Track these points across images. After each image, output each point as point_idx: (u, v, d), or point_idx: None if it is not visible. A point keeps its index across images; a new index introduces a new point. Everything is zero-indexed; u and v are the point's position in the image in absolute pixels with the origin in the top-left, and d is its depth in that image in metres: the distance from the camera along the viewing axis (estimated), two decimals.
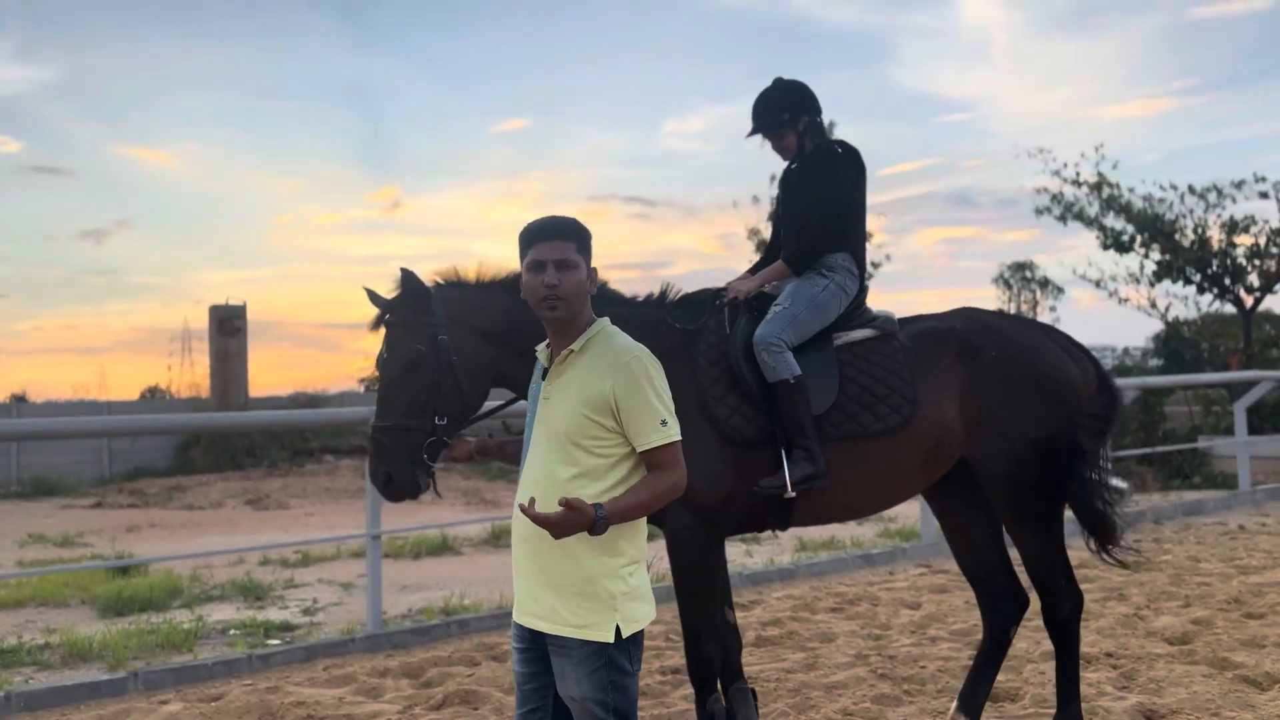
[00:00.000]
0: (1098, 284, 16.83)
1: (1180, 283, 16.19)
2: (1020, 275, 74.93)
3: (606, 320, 2.57)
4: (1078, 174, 15.97)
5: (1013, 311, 76.30)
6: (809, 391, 3.28)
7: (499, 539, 11.17)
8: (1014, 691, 4.53)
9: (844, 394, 3.37)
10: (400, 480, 3.19)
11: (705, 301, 3.51)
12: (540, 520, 2.28)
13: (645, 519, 2.51)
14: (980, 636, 5.41)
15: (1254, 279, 15.82)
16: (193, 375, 27.79)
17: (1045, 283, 74.07)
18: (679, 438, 2.42)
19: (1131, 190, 16.07)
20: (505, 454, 3.02)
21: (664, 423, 2.39)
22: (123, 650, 5.73)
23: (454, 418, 3.26)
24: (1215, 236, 15.72)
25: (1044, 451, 3.53)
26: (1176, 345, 17.99)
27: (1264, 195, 15.69)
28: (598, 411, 2.41)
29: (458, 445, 3.13)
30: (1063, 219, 16.40)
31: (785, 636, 5.57)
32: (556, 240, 2.50)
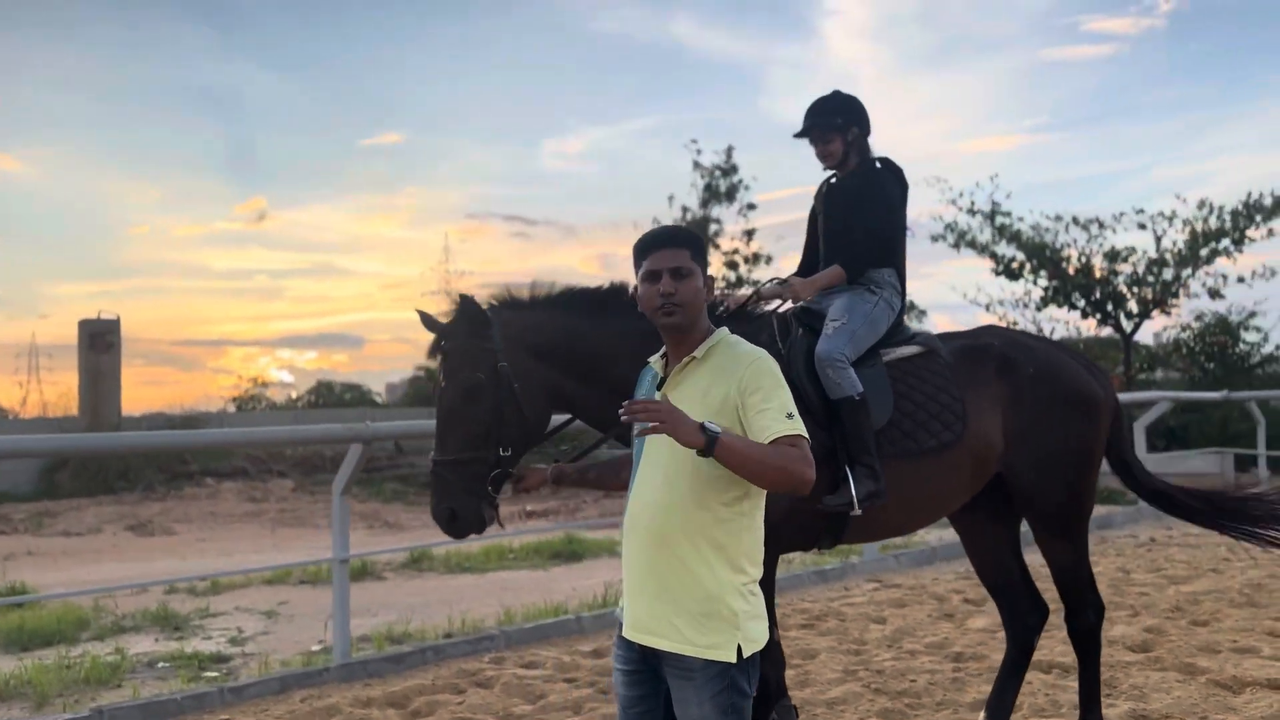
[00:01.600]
0: (987, 308, 17.62)
1: (1066, 308, 17.13)
2: None
3: (726, 329, 2.52)
4: (972, 203, 16.72)
5: None
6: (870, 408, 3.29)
7: (418, 563, 10.88)
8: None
9: (898, 411, 3.39)
10: (465, 516, 3.05)
11: (760, 316, 3.49)
12: (655, 409, 2.19)
13: (762, 539, 2.45)
14: (956, 649, 5.58)
15: (1133, 306, 16.86)
16: (41, 394, 26.15)
17: (910, 306, 77.32)
18: (806, 435, 2.32)
19: (1020, 219, 16.93)
20: (587, 480, 2.92)
21: (790, 415, 2.32)
22: (45, 687, 5.32)
23: (517, 447, 3.14)
24: (1098, 265, 16.69)
25: (1075, 464, 3.65)
26: None
27: (1141, 226, 16.76)
28: (722, 417, 2.34)
29: (531, 474, 2.99)
30: (956, 246, 17.11)
31: (796, 653, 5.56)
32: (670, 248, 2.46)
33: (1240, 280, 16.75)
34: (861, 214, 3.63)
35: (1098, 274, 16.61)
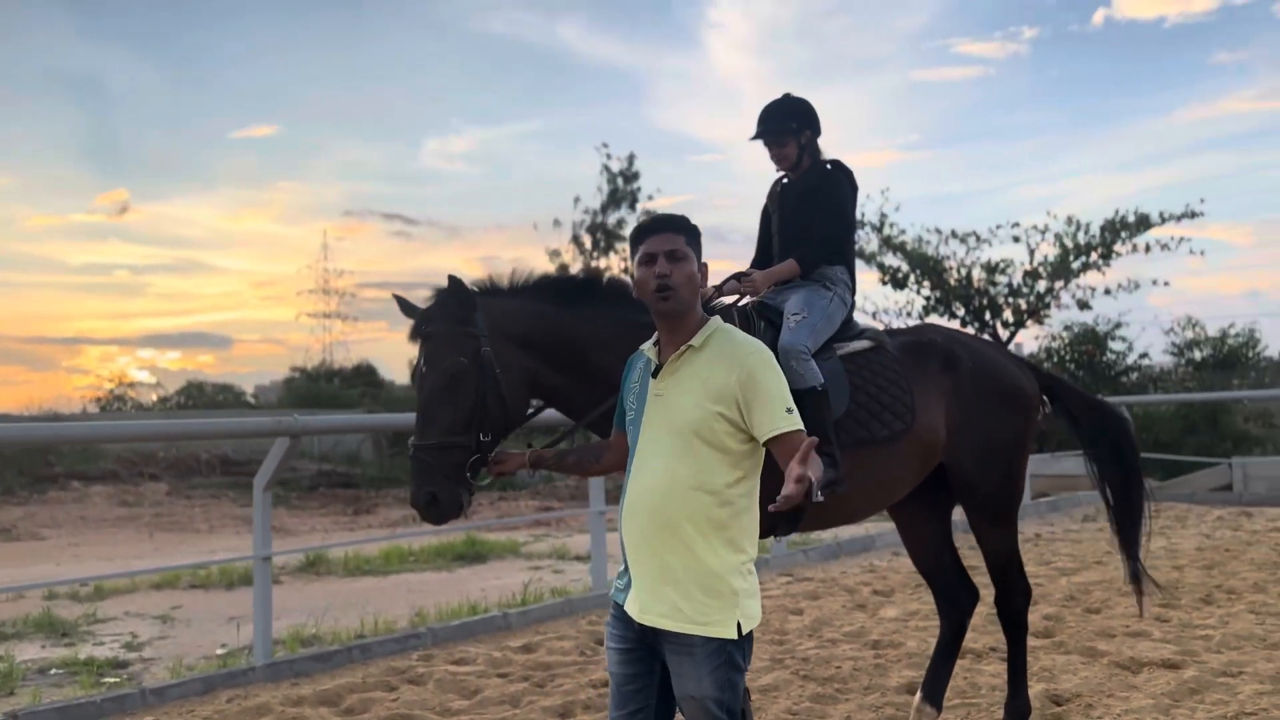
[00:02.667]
0: (874, 315, 18.26)
1: (947, 316, 17.89)
2: None
3: (719, 318, 2.58)
4: (862, 214, 17.31)
5: None
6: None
7: (314, 566, 10.61)
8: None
9: (854, 402, 3.52)
10: (446, 501, 3.02)
11: (722, 310, 3.57)
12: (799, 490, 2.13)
13: (758, 519, 2.52)
14: (874, 637, 5.80)
15: (1009, 315, 17.75)
16: None
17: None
18: (804, 428, 2.39)
19: (903, 232, 17.63)
20: (564, 464, 2.93)
21: (790, 410, 2.39)
22: None
23: (497, 433, 3.13)
24: (977, 276, 17.51)
25: (1010, 455, 3.87)
26: None
27: (1016, 240, 17.67)
28: (722, 404, 2.41)
29: (509, 459, 3.00)
30: None
31: None
32: (666, 233, 2.52)
33: (1107, 293, 17.84)
34: (816, 213, 3.76)
35: (977, 284, 17.43)
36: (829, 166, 3.84)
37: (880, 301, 20.43)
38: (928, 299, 17.62)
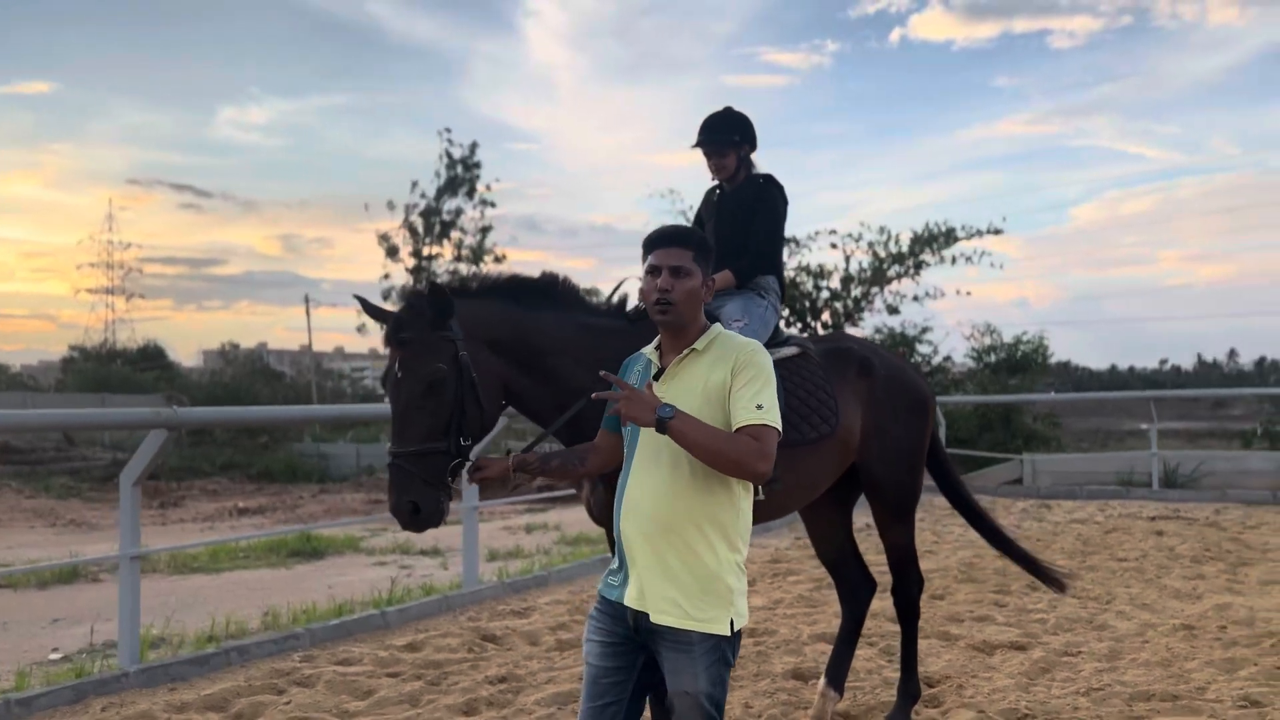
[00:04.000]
0: None
1: None
2: None
3: (720, 325, 2.68)
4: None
5: None
6: None
7: (145, 562, 9.94)
8: (809, 670, 5.13)
9: (786, 405, 3.68)
10: (428, 509, 2.96)
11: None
12: (622, 387, 2.42)
13: (751, 518, 2.60)
14: (747, 626, 6.04)
15: (827, 317, 18.68)
16: None
17: None
18: (776, 425, 2.44)
19: None
20: (549, 469, 2.88)
21: (760, 406, 2.44)
22: None
23: (476, 437, 3.10)
24: (802, 280, 18.33)
25: (913, 457, 4.15)
26: None
27: (834, 245, 18.63)
28: (720, 404, 2.48)
29: (492, 464, 2.97)
30: None
31: (581, 640, 5.74)
32: (674, 247, 2.58)
33: (915, 299, 19.09)
34: (752, 225, 3.91)
35: (802, 288, 18.26)
36: (762, 181, 4.00)
37: None
38: None
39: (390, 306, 3.36)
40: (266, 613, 7.04)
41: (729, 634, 2.48)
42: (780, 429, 2.47)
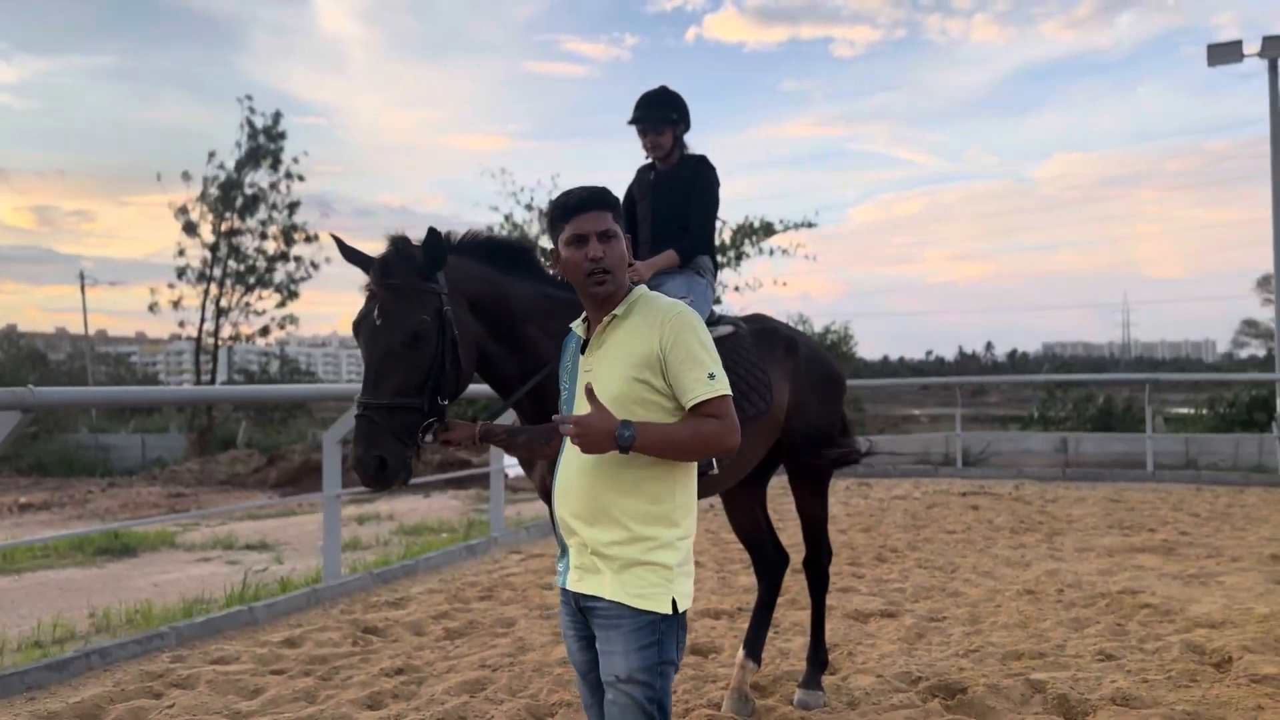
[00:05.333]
0: None
1: None
2: None
3: (644, 286, 2.50)
4: (532, 198, 17.60)
5: None
6: None
7: None
8: (712, 645, 5.23)
9: None
10: (394, 466, 2.77)
11: None
12: (572, 421, 2.19)
13: (695, 494, 2.45)
14: None
15: None
16: None
17: None
18: (729, 392, 2.30)
19: None
20: (515, 442, 2.76)
21: (711, 376, 2.28)
22: None
23: (450, 397, 2.92)
24: None
25: (830, 434, 4.30)
26: None
27: None
28: (647, 370, 2.30)
29: (459, 428, 2.81)
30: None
31: (469, 627, 5.60)
32: (596, 211, 2.38)
33: (736, 290, 19.70)
34: (691, 205, 3.92)
35: None
36: (697, 161, 4.01)
37: None
38: None
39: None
40: (93, 614, 6.47)
41: (668, 612, 2.28)
42: (731, 392, 2.33)
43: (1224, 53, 14.93)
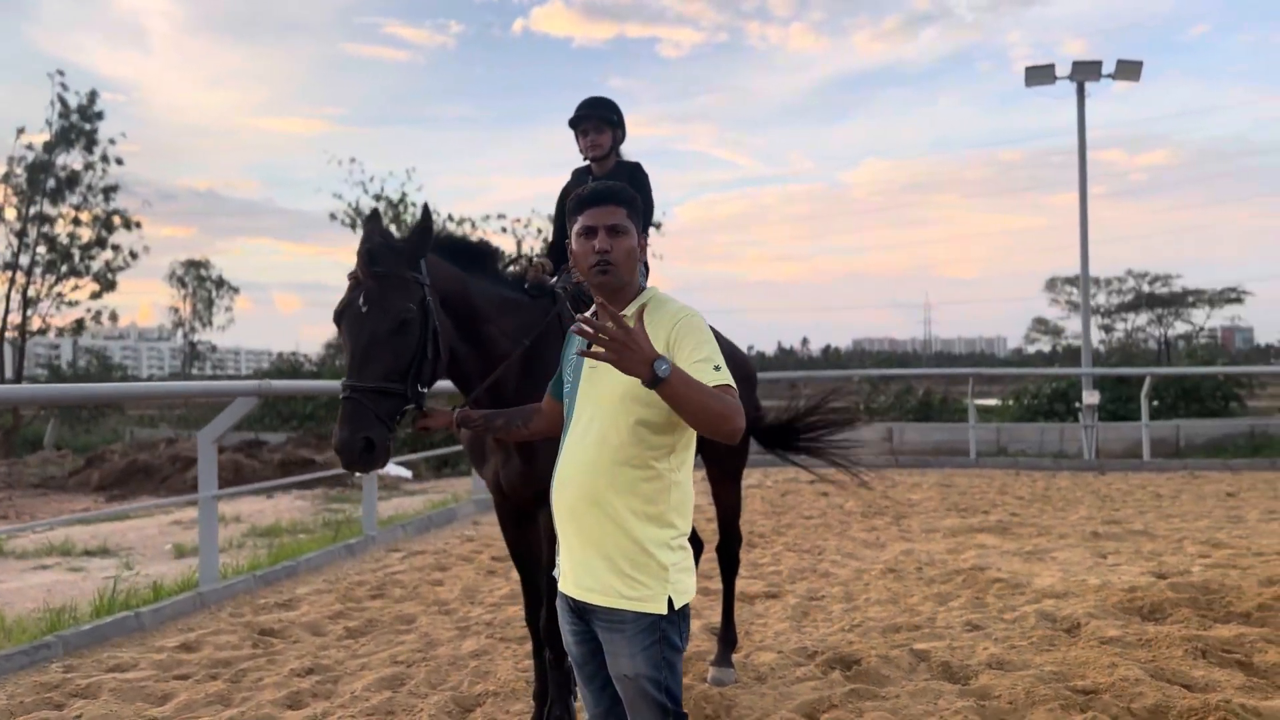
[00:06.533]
0: None
1: None
2: (195, 273, 73.76)
3: (656, 288, 2.53)
4: (382, 188, 17.20)
5: (189, 309, 73.81)
6: None
7: None
8: None
9: None
10: (380, 449, 2.81)
11: (552, 292, 3.73)
12: (619, 331, 2.10)
13: (691, 494, 2.46)
14: None
15: None
16: None
17: (221, 282, 74.02)
18: (733, 383, 2.30)
19: (414, 207, 17.86)
20: (492, 427, 2.81)
21: (717, 368, 2.29)
22: None
23: (429, 386, 2.99)
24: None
25: (751, 426, 4.57)
26: None
27: (504, 230, 18.90)
28: None
29: (437, 415, 2.87)
30: (353, 226, 17.45)
31: (369, 625, 5.57)
32: (608, 205, 2.43)
33: None
34: None
35: None
36: (632, 167, 4.18)
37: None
38: None
39: None
40: None
41: (666, 612, 2.32)
42: (734, 383, 2.32)
43: (1040, 74, 16.31)
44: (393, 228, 17.38)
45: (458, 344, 3.25)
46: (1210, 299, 57.38)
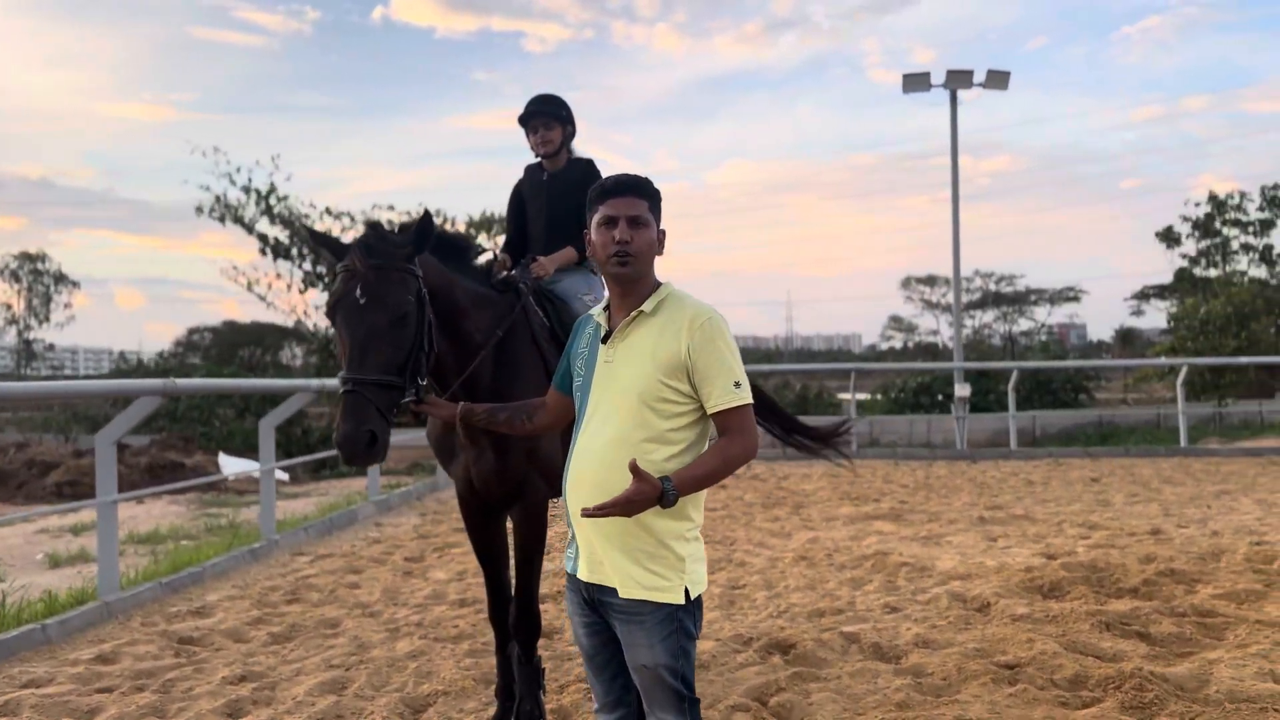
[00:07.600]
0: (250, 286, 17.56)
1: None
2: (31, 267, 69.30)
3: (672, 283, 2.51)
4: (250, 179, 16.54)
5: (24, 306, 69.48)
6: None
7: None
8: (553, 627, 5.44)
9: None
10: (383, 441, 2.77)
11: (515, 288, 3.72)
12: (608, 508, 2.24)
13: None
14: (452, 597, 6.16)
15: None
16: None
17: (61, 277, 69.72)
18: (750, 401, 2.39)
19: (284, 199, 17.27)
20: (495, 420, 2.81)
21: (737, 384, 2.35)
22: None
23: (425, 379, 2.98)
24: None
25: None
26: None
27: (389, 222, 18.56)
28: (672, 373, 2.37)
29: (440, 407, 2.84)
30: (222, 219, 16.75)
31: (293, 630, 5.41)
32: (630, 196, 2.44)
33: None
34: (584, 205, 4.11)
35: None
36: (585, 164, 4.20)
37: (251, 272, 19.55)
38: (307, 273, 17.54)
39: None
40: None
41: (683, 602, 2.38)
42: (753, 401, 2.43)
43: (916, 82, 17.05)
44: (263, 221, 16.83)
45: (438, 338, 3.23)
46: (1051, 297, 61.13)
